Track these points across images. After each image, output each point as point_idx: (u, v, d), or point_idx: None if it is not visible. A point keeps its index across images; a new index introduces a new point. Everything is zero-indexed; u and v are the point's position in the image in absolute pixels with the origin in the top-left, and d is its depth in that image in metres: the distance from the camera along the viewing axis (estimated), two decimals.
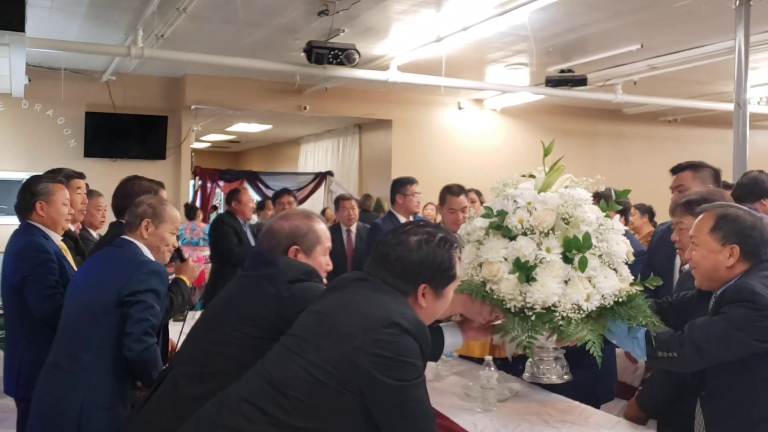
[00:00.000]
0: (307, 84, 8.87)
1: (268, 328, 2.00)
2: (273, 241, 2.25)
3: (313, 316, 1.85)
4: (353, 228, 5.78)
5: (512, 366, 3.56)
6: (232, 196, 5.92)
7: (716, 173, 3.64)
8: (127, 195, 3.20)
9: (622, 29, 6.65)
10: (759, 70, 8.23)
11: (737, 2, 5.61)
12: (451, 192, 4.28)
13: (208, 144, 15.19)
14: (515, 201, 2.44)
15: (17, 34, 5.23)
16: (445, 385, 3.18)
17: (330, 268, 2.33)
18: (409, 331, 1.70)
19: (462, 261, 2.03)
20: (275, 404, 1.69)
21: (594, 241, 2.27)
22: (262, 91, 9.18)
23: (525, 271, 2.25)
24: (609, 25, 6.50)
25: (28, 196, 3.13)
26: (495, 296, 2.29)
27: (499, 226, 2.40)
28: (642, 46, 7.03)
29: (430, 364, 3.29)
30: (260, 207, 8.58)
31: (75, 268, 3.10)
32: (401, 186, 5.16)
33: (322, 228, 2.32)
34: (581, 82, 7.83)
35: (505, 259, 2.32)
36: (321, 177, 12.12)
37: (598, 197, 2.65)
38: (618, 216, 2.54)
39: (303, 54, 6.63)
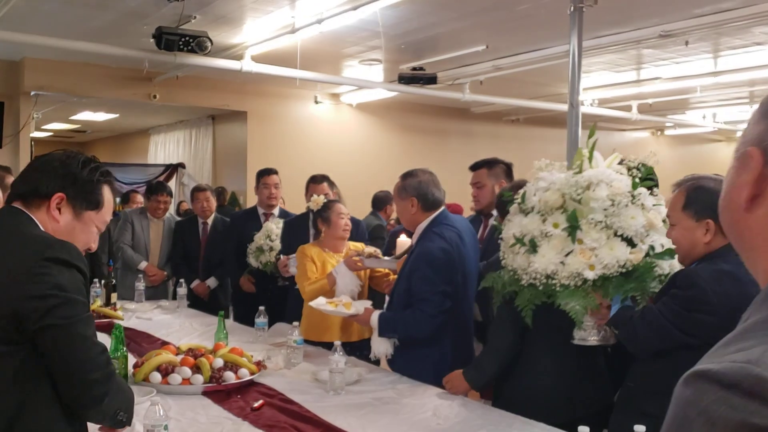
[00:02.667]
0: (157, 72, 8.55)
1: None
2: None
3: None
4: (209, 220, 5.67)
5: (359, 350, 3.68)
6: None
7: (508, 168, 4.01)
8: None
9: (469, 30, 6.96)
10: (591, 74, 8.93)
11: (571, 8, 6.05)
12: (314, 181, 4.75)
13: (50, 133, 14.23)
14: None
15: None
16: (295, 371, 3.24)
17: None
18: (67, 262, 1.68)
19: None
20: None
21: (600, 216, 2.39)
22: (108, 78, 8.73)
23: (527, 244, 2.49)
24: (457, 25, 6.78)
25: None
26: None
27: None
28: (487, 47, 7.39)
29: (279, 352, 3.35)
30: (125, 200, 8.25)
31: None
32: (257, 178, 5.19)
33: None
34: (432, 80, 8.11)
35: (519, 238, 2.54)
36: (172, 169, 11.75)
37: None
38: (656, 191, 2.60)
39: (152, 40, 6.40)
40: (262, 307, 3.80)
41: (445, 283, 3.10)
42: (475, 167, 3.99)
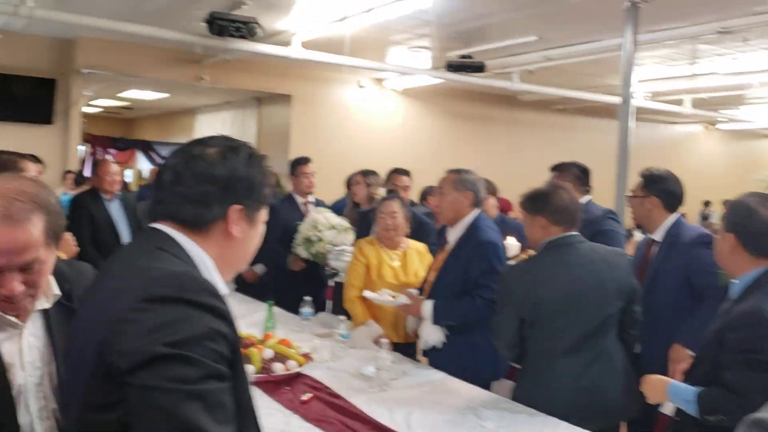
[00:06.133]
0: (207, 55, 8.64)
1: None
2: None
3: None
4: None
5: (406, 348, 3.72)
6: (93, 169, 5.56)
7: (582, 172, 3.99)
8: None
9: (521, 20, 6.88)
10: (644, 66, 8.75)
11: (628, 3, 5.94)
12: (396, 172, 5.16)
13: (99, 109, 14.49)
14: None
15: None
16: (341, 365, 3.26)
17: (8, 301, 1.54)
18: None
19: None
20: None
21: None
22: (159, 59, 8.85)
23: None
24: (509, 15, 6.71)
25: None
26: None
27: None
28: (539, 38, 7.31)
29: (324, 344, 3.38)
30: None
31: None
32: (293, 167, 5.18)
33: None
34: (480, 68, 8.06)
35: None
36: None
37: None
38: None
39: (204, 24, 6.46)
40: (308, 298, 3.83)
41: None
42: (552, 169, 3.97)
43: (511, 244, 3.99)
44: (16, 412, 1.54)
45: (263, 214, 1.43)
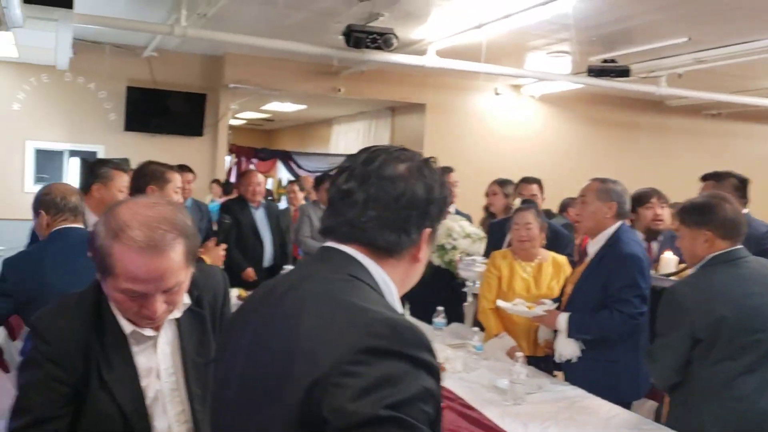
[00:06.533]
0: (343, 66, 8.86)
1: None
2: None
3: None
4: None
5: (539, 362, 3.62)
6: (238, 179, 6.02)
7: (741, 183, 3.67)
8: (139, 177, 3.46)
9: (668, 22, 6.51)
10: None
11: None
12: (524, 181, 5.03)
13: (243, 121, 15.30)
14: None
15: (65, 10, 5.31)
16: (474, 376, 3.21)
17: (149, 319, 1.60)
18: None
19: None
20: None
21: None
22: (299, 72, 9.20)
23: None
24: (655, 17, 6.36)
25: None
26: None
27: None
28: (689, 39, 6.88)
29: (458, 355, 3.33)
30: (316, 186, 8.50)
31: None
32: None
33: (124, 256, 1.48)
34: (624, 72, 7.70)
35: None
36: None
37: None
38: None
39: (341, 37, 6.62)
40: (440, 308, 3.80)
41: (646, 287, 3.14)
42: (703, 178, 3.72)
43: (669, 258, 3.76)
44: (150, 419, 1.62)
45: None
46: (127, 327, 1.61)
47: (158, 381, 1.65)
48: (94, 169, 3.59)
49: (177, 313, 1.67)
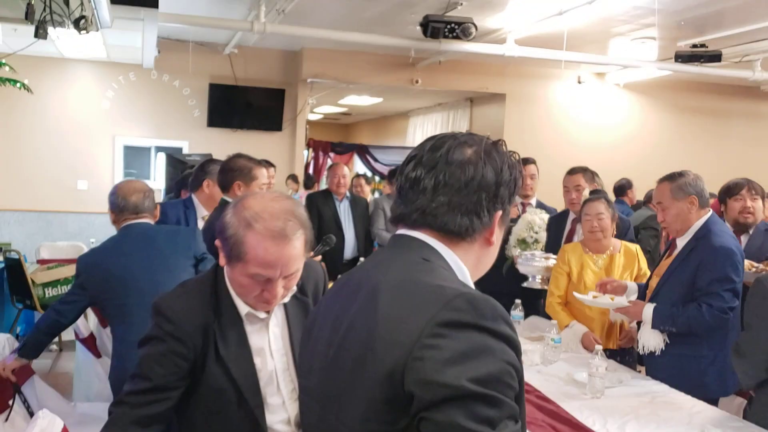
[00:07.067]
0: (420, 57, 8.82)
1: None
2: None
3: None
4: None
5: (623, 354, 3.51)
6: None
7: None
8: (227, 171, 3.50)
9: (762, 3, 6.15)
10: None
11: None
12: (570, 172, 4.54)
13: (320, 116, 15.49)
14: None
15: (151, 10, 5.51)
16: (552, 369, 3.13)
17: (267, 302, 1.75)
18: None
19: None
20: None
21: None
22: (375, 65, 9.21)
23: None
24: None
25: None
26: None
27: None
28: None
29: (536, 348, 3.26)
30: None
31: None
32: None
33: (257, 243, 1.63)
34: (715, 57, 7.33)
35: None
36: None
37: None
38: None
39: (419, 28, 6.58)
40: (518, 300, 3.73)
41: (738, 281, 3.03)
42: None
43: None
44: (264, 395, 1.77)
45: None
46: (243, 308, 1.77)
47: (272, 360, 1.81)
48: (204, 166, 3.95)
49: (286, 298, 1.82)
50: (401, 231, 1.26)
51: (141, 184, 3.10)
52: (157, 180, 8.66)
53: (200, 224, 3.77)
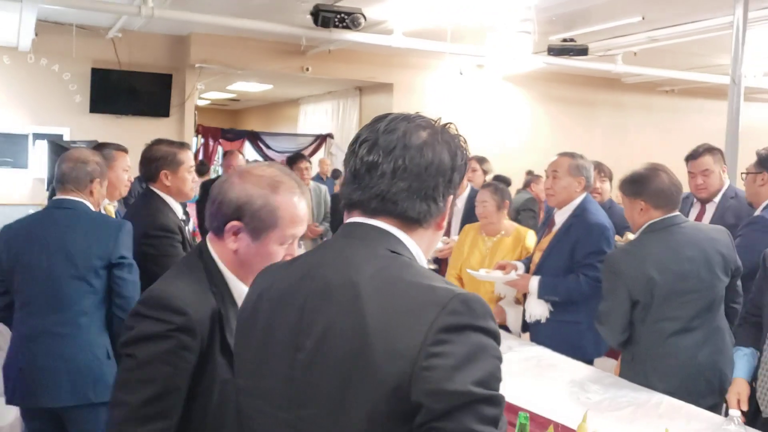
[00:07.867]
0: (310, 46, 8.91)
1: None
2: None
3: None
4: None
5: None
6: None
7: (722, 153, 3.92)
8: (150, 160, 3.11)
9: (624, 1, 6.73)
10: (756, 44, 8.33)
11: None
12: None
13: (208, 101, 15.23)
14: None
15: None
16: None
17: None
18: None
19: None
20: None
21: None
22: (265, 52, 9.22)
23: None
24: None
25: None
26: None
27: None
28: (643, 19, 7.13)
29: None
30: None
31: None
32: None
33: (287, 203, 1.64)
34: (582, 51, 7.95)
35: None
36: (321, 139, 12.17)
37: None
38: None
39: (309, 17, 6.68)
40: None
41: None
42: (696, 155, 3.87)
43: None
44: None
45: None
46: (237, 293, 1.65)
47: None
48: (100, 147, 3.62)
49: None
50: (357, 219, 1.21)
51: (84, 152, 2.81)
52: (36, 168, 8.31)
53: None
